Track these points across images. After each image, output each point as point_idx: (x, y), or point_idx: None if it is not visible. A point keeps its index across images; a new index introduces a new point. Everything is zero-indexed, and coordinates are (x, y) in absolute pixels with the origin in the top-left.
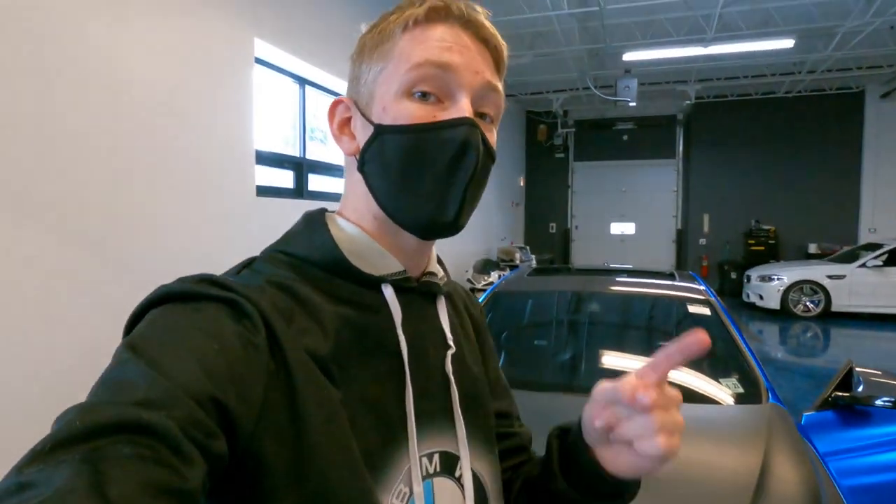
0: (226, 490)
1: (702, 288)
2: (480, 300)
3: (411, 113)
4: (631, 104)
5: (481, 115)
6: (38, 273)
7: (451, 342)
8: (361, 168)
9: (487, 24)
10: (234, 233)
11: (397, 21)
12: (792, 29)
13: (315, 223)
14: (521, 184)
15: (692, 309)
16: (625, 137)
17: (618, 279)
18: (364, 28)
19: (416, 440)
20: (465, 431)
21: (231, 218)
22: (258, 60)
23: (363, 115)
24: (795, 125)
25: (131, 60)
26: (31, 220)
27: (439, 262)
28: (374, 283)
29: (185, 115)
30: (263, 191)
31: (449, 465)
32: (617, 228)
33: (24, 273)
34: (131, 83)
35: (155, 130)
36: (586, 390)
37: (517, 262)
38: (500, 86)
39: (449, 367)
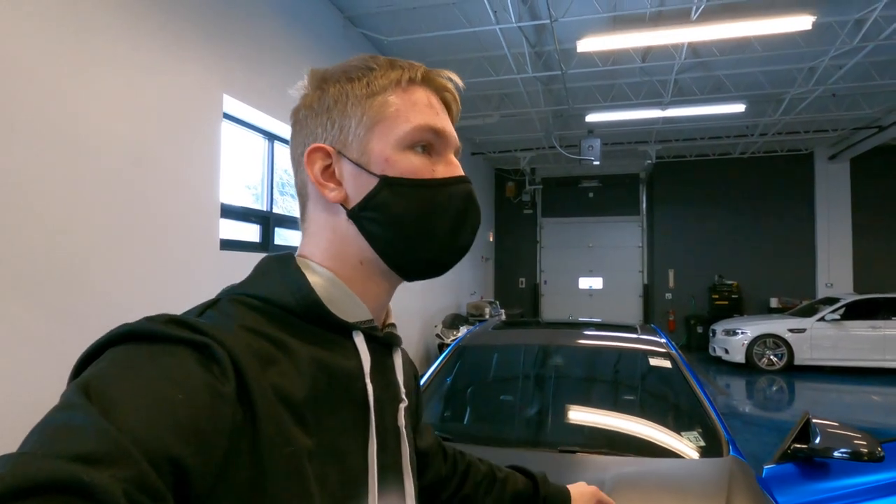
0: None
1: (663, 341)
2: (445, 354)
3: (416, 166)
4: (595, 163)
5: None
6: None
7: (403, 395)
8: (356, 215)
9: (454, 91)
10: (195, 286)
11: (387, 78)
12: (742, 94)
13: (286, 266)
14: (491, 239)
15: (654, 362)
16: (590, 195)
17: (582, 332)
18: (311, 74)
19: (377, 497)
20: (413, 488)
21: (193, 271)
22: (227, 116)
23: (356, 164)
24: (752, 184)
25: (96, 112)
26: None
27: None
28: (345, 329)
29: (151, 168)
30: (227, 244)
31: None
32: (585, 283)
33: None
34: (96, 134)
35: (119, 182)
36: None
37: (487, 316)
38: None
39: (402, 421)
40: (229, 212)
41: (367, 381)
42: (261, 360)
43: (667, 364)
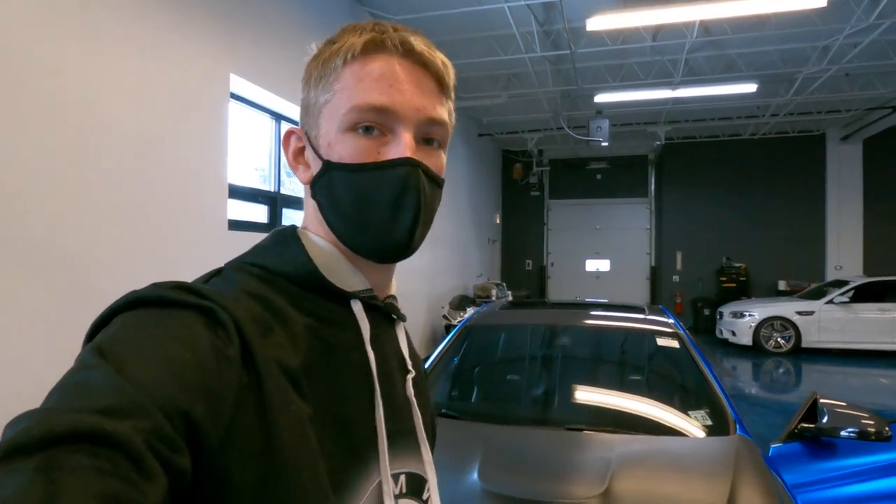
0: None
1: (671, 321)
2: (452, 334)
3: (355, 149)
4: (603, 144)
5: (429, 141)
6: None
7: (410, 366)
8: (313, 197)
9: (425, 50)
10: (204, 266)
11: (337, 52)
12: (754, 74)
13: (288, 238)
14: (497, 221)
15: (661, 342)
16: (598, 176)
17: (589, 313)
18: (314, 48)
19: (387, 458)
20: (430, 455)
21: (202, 251)
22: (234, 96)
23: (312, 147)
24: (762, 166)
25: (104, 94)
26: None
27: None
28: (343, 298)
29: (159, 148)
30: (235, 225)
31: (415, 487)
32: (592, 265)
33: None
34: (105, 115)
35: (127, 163)
36: (559, 424)
37: (493, 298)
38: (444, 113)
39: (410, 391)
40: (237, 192)
41: (368, 347)
42: (260, 326)
43: (674, 344)
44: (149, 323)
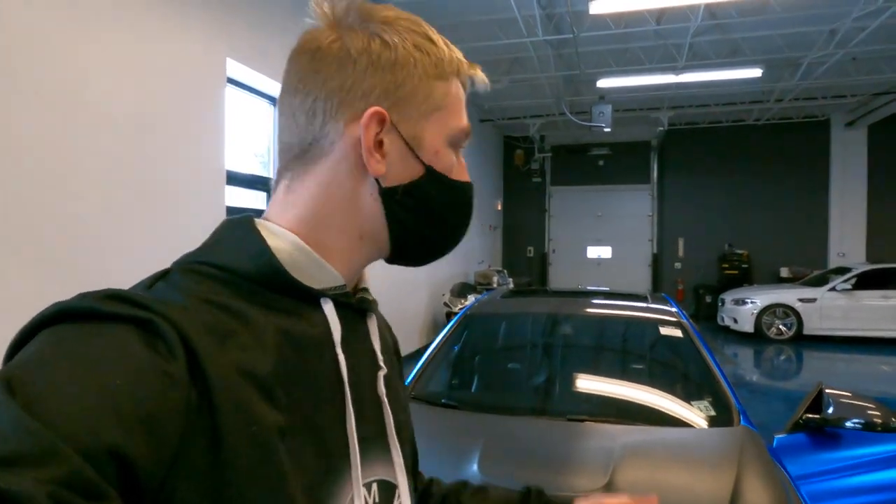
0: None
1: (674, 310)
2: (452, 322)
3: (451, 165)
4: (605, 130)
5: None
6: None
7: (381, 363)
8: (390, 195)
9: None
10: None
11: (451, 64)
12: (759, 59)
13: (243, 230)
14: (498, 208)
15: (664, 331)
16: (600, 163)
17: (591, 301)
18: (358, 8)
19: (360, 469)
20: (401, 459)
21: (199, 238)
22: (230, 80)
23: (408, 145)
24: (765, 152)
25: (99, 78)
26: None
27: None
28: (313, 296)
29: (154, 134)
30: (234, 212)
31: (387, 494)
32: (594, 252)
33: None
34: (98, 101)
35: (120, 150)
36: (560, 414)
37: (494, 285)
38: None
39: (382, 390)
40: (235, 179)
41: (338, 350)
42: (218, 334)
43: (677, 333)
44: (72, 341)
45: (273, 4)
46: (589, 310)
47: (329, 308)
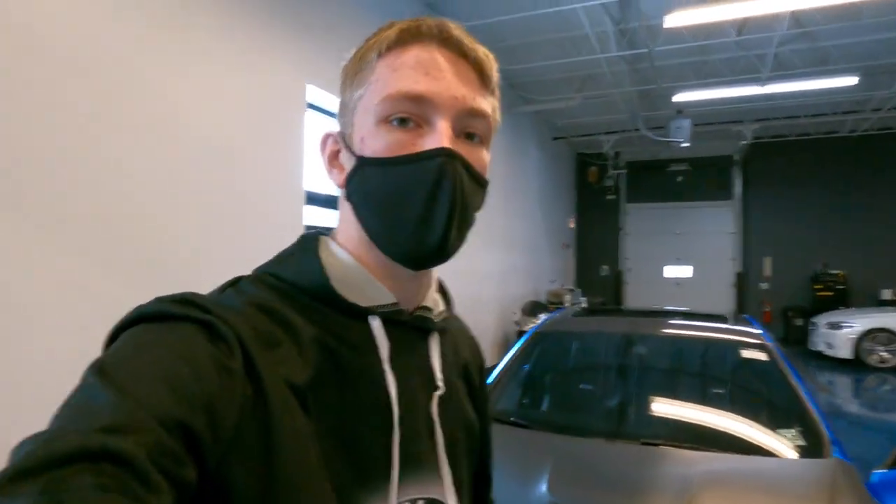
0: None
1: (758, 332)
2: (523, 339)
3: (388, 143)
4: (684, 145)
5: (470, 136)
6: (97, 306)
7: (439, 383)
8: (348, 198)
9: (465, 38)
10: None
11: (373, 46)
12: (854, 66)
13: (307, 247)
14: (571, 225)
15: (747, 354)
16: (679, 179)
17: (667, 321)
18: (351, 53)
19: (397, 484)
20: (451, 479)
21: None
22: (310, 105)
23: (347, 146)
24: (862, 164)
25: (193, 107)
26: (97, 259)
27: (444, 292)
28: (361, 313)
29: (240, 158)
30: (310, 229)
31: None
32: (672, 272)
33: (83, 305)
34: (192, 127)
35: (210, 172)
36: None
37: (567, 304)
38: (486, 106)
39: (434, 410)
40: (315, 199)
41: (386, 367)
42: (264, 341)
43: (761, 356)
44: (149, 339)
45: (348, 31)
46: (665, 330)
47: (377, 325)
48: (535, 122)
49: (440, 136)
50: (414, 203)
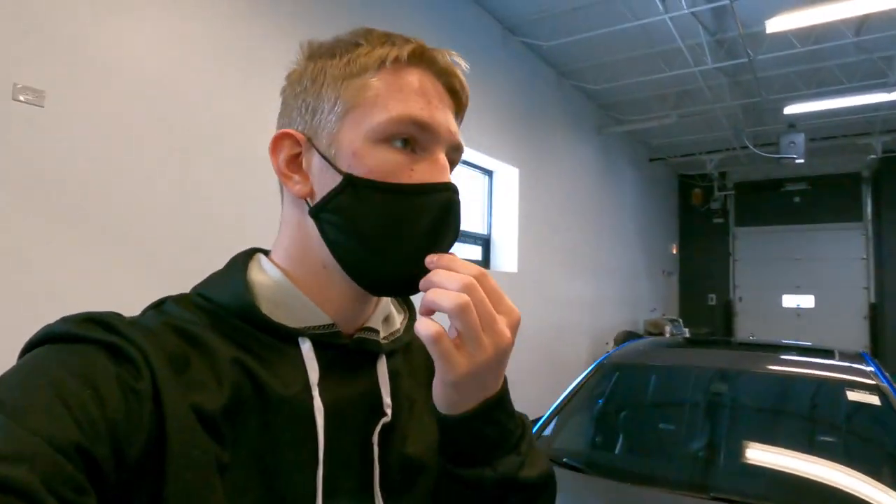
0: None
1: (869, 370)
2: (587, 371)
3: (389, 165)
4: (798, 161)
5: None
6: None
7: (387, 409)
8: (316, 215)
9: (459, 72)
10: None
11: (371, 56)
12: None
13: (235, 265)
14: (674, 251)
15: (854, 396)
16: (797, 199)
17: (758, 355)
18: (305, 45)
19: None
20: None
21: None
22: None
23: (324, 156)
24: None
25: (261, 139)
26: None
27: (410, 307)
28: (291, 335)
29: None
30: None
31: None
32: (791, 301)
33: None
34: (260, 159)
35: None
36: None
37: (666, 335)
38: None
39: (375, 439)
40: None
41: (315, 392)
42: (176, 364)
43: (873, 399)
44: (48, 360)
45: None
46: (753, 366)
47: (307, 348)
48: (628, 142)
49: (444, 169)
50: (415, 235)
